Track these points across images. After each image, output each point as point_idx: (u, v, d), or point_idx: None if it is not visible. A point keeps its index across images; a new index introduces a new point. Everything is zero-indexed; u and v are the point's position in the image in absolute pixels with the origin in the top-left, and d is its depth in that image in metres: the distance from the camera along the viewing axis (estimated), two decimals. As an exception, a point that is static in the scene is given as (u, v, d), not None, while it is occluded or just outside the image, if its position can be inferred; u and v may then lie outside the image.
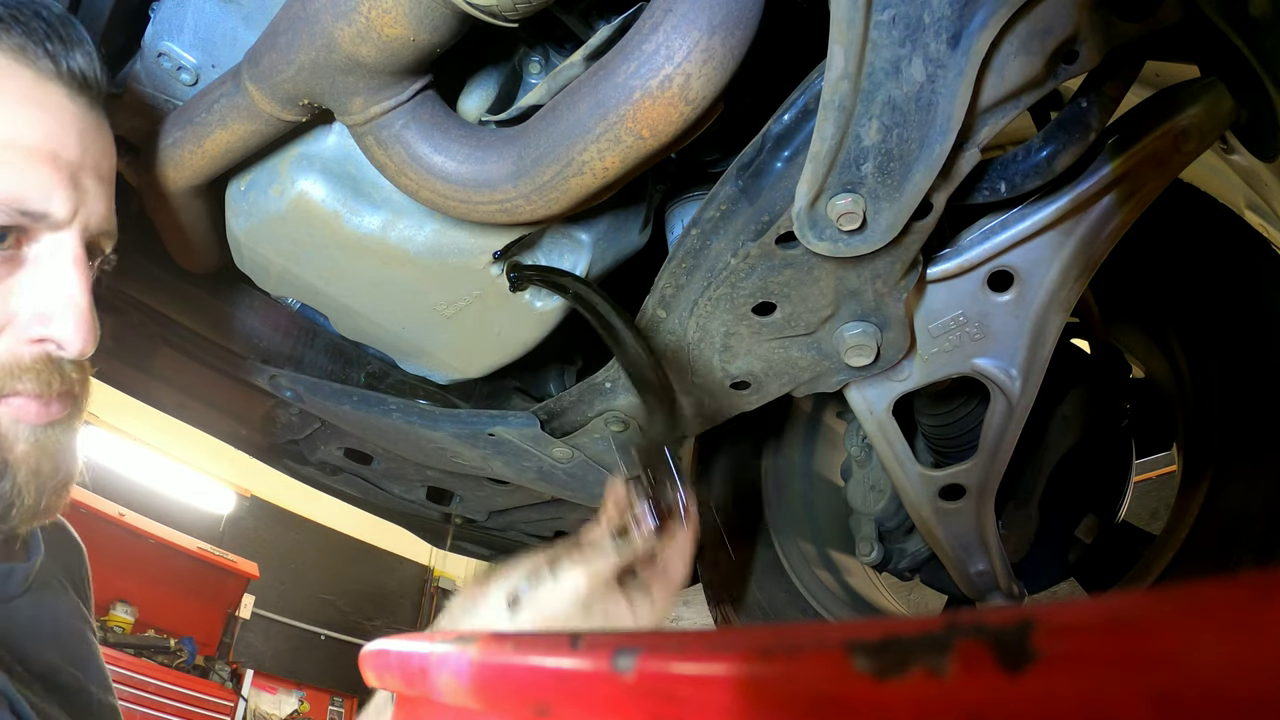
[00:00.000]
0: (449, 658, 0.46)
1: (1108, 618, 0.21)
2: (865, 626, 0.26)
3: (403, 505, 1.95)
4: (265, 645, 7.47)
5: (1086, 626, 0.21)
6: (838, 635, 0.27)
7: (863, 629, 0.26)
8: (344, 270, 1.19)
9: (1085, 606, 0.22)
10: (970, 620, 0.23)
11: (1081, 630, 0.21)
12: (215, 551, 6.44)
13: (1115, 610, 0.21)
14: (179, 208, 1.20)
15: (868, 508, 1.54)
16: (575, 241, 1.19)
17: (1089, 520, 1.48)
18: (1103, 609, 0.21)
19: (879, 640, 0.25)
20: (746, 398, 1.24)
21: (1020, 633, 0.22)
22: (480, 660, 0.44)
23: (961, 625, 0.23)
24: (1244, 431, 1.22)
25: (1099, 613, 0.21)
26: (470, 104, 1.08)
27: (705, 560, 1.86)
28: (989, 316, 1.08)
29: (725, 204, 0.98)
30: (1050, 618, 0.22)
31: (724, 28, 0.80)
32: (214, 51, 1.12)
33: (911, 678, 0.24)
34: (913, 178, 0.86)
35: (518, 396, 1.68)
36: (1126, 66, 0.93)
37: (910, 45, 0.77)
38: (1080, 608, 0.22)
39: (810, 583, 1.71)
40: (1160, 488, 4.12)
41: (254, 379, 1.59)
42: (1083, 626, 0.21)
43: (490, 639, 0.45)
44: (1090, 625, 0.21)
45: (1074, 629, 0.21)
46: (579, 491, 1.53)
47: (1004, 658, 0.22)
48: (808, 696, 0.27)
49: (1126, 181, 0.97)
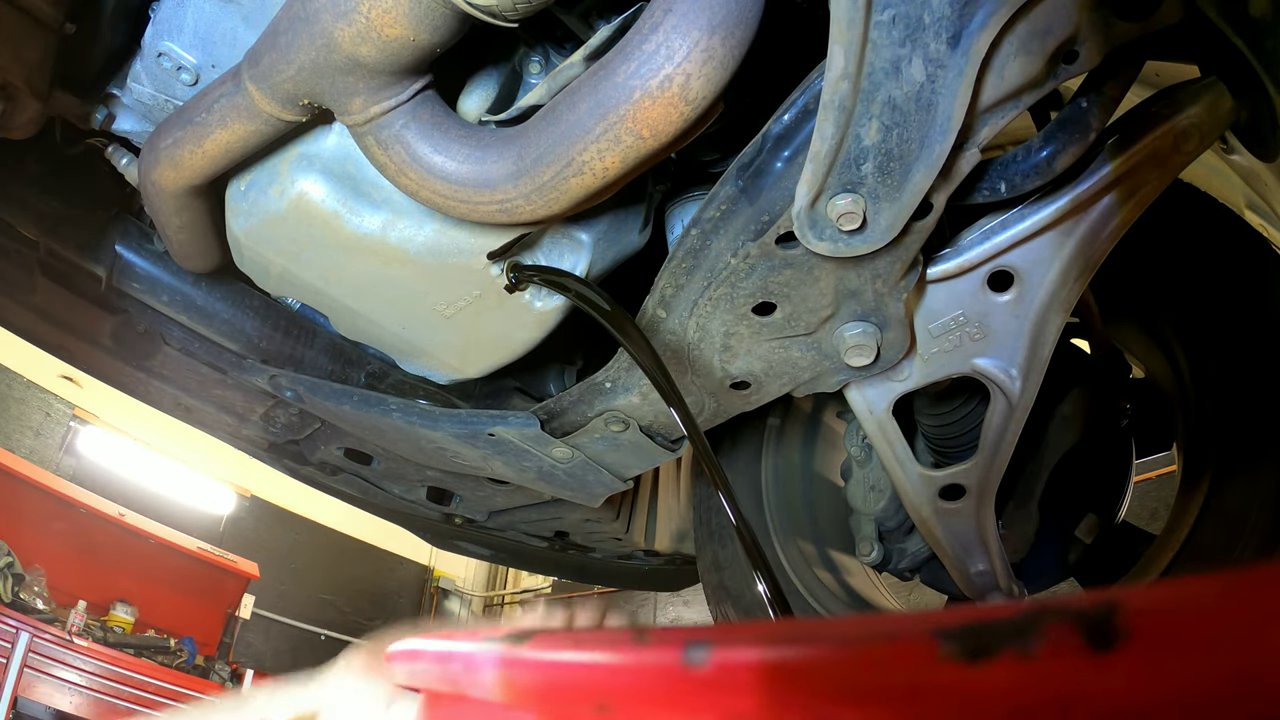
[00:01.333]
0: (496, 654, 0.45)
1: (1194, 598, 0.21)
2: (951, 614, 0.26)
3: (403, 505, 1.95)
4: (265, 645, 7.48)
5: (1173, 608, 0.21)
6: (925, 623, 0.27)
7: (949, 616, 0.26)
8: (344, 270, 1.19)
9: (1171, 587, 0.22)
10: (1058, 603, 0.24)
11: (1168, 611, 0.22)
12: (215, 551, 6.45)
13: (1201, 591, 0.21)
14: (179, 208, 1.20)
15: (868, 508, 1.54)
16: (575, 241, 1.19)
17: (1089, 520, 1.47)
18: (1188, 590, 0.22)
19: (967, 625, 0.25)
20: (747, 398, 1.23)
21: (1107, 613, 0.22)
22: (532, 658, 0.43)
23: (1051, 608, 0.24)
24: (1244, 431, 1.22)
25: (1185, 594, 0.21)
26: (470, 104, 1.08)
27: (705, 560, 1.86)
28: (989, 316, 1.08)
29: (725, 204, 0.98)
30: (1136, 599, 0.22)
31: (724, 28, 0.80)
32: (214, 51, 1.12)
33: (1001, 660, 0.24)
34: (913, 178, 0.86)
35: (518, 396, 1.68)
36: (1126, 66, 0.93)
37: (910, 45, 0.77)
38: (1166, 589, 0.22)
39: (810, 583, 1.71)
40: (1160, 488, 4.12)
41: (254, 379, 1.59)
42: (1169, 608, 0.22)
43: (545, 635, 0.44)
44: (1176, 606, 0.21)
45: (1160, 610, 0.22)
46: (579, 491, 1.53)
47: (1092, 638, 0.22)
48: (896, 685, 0.27)
49: (1126, 181, 0.97)
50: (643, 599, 8.26)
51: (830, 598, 1.69)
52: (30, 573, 5.08)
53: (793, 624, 0.32)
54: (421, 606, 9.33)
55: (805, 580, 1.71)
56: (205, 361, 1.62)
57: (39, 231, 1.39)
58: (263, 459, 1.97)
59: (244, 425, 1.81)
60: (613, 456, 1.41)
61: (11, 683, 4.37)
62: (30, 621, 4.63)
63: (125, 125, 1.25)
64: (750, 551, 0.92)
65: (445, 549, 2.31)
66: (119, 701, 4.89)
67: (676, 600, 7.85)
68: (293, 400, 1.56)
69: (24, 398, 6.39)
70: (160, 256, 1.47)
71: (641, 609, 8.29)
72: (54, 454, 6.47)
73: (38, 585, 5.05)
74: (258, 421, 1.78)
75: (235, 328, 1.52)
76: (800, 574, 1.72)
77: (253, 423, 1.79)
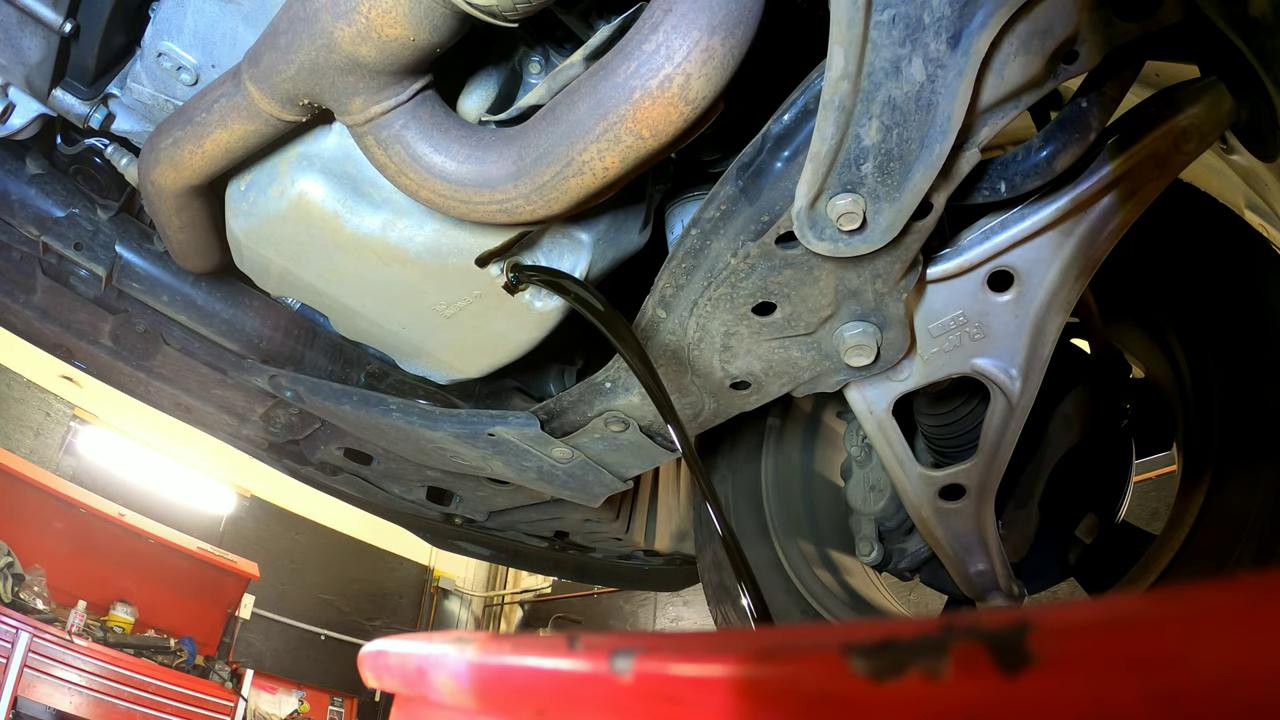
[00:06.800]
0: (447, 658, 0.46)
1: (1106, 619, 0.21)
2: (862, 628, 0.26)
3: (403, 505, 1.95)
4: (265, 645, 7.48)
5: (1084, 628, 0.21)
6: (835, 637, 0.27)
7: (860, 631, 0.26)
8: (344, 270, 1.19)
9: (1083, 608, 0.22)
10: (967, 622, 0.23)
11: (1079, 632, 0.21)
12: (215, 551, 6.45)
13: (1113, 612, 0.21)
14: (179, 208, 1.20)
15: (868, 508, 1.54)
16: (575, 241, 1.19)
17: (1089, 520, 1.47)
18: (1100, 610, 0.21)
19: (876, 642, 0.25)
20: (747, 398, 1.23)
21: (1017, 635, 0.22)
22: (478, 661, 0.44)
23: (959, 627, 0.23)
24: (1244, 431, 1.22)
25: (1097, 614, 0.21)
26: (470, 104, 1.08)
27: (705, 560, 1.86)
28: (989, 316, 1.08)
29: (725, 204, 0.98)
30: (1048, 619, 0.22)
31: (724, 28, 0.80)
32: (214, 51, 1.12)
33: (909, 680, 0.24)
34: (913, 178, 0.86)
35: (518, 396, 1.68)
36: (1126, 66, 0.93)
37: (910, 45, 0.77)
38: (1078, 609, 0.22)
39: (810, 583, 1.71)
40: (1160, 488, 4.12)
41: (254, 379, 1.59)
42: (1080, 628, 0.21)
43: (488, 640, 0.45)
44: (1088, 627, 0.21)
45: (1071, 630, 0.21)
46: (579, 492, 1.53)
47: (1001, 660, 0.22)
48: (805, 697, 0.27)
49: (1126, 181, 0.97)
50: (643, 599, 8.26)
51: (830, 598, 1.69)
52: (30, 573, 5.08)
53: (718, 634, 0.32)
54: (421, 607, 9.33)
55: (805, 580, 1.71)
56: (205, 361, 1.62)
57: (39, 231, 1.40)
58: (263, 459, 1.97)
59: (244, 425, 1.81)
60: (613, 456, 1.41)
61: (11, 683, 4.37)
62: (30, 621, 4.63)
63: (125, 125, 1.25)
64: (734, 559, 0.92)
65: (445, 549, 2.31)
66: (119, 701, 4.89)
67: (676, 600, 7.85)
68: (293, 400, 1.56)
69: (24, 398, 6.39)
70: (160, 256, 1.47)
71: (641, 609, 8.29)
72: (54, 454, 6.47)
73: (38, 585, 5.05)
74: (258, 421, 1.78)
75: (235, 328, 1.52)
76: (800, 574, 1.72)
77: (253, 423, 1.79)
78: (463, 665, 0.45)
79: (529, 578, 9.68)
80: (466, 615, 9.74)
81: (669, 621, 7.98)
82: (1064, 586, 1.56)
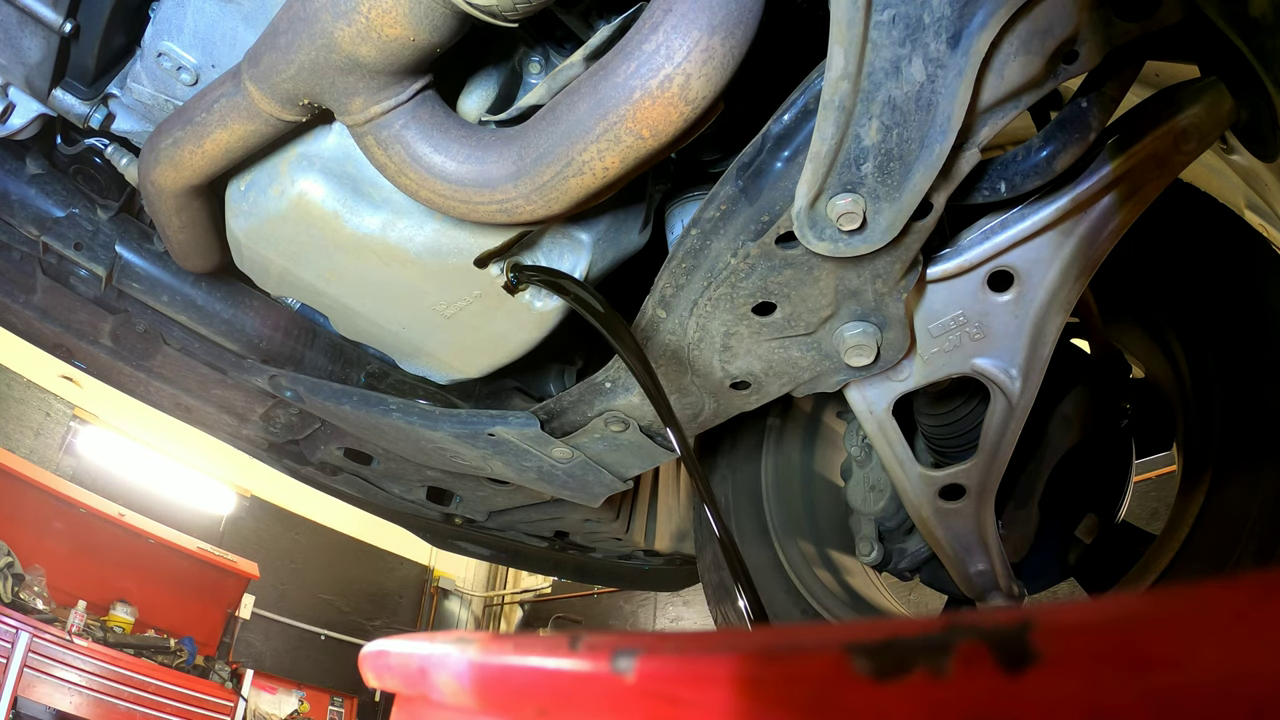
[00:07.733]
0: (448, 658, 0.46)
1: (1107, 619, 0.21)
2: (865, 628, 0.26)
3: (403, 505, 1.95)
4: (265, 645, 7.48)
5: (1086, 627, 0.21)
6: (838, 637, 0.27)
7: (863, 630, 0.26)
8: (344, 270, 1.19)
9: (1084, 607, 0.22)
10: (970, 621, 0.23)
11: (1081, 631, 0.21)
12: (215, 552, 6.45)
13: (1115, 611, 0.21)
14: (179, 208, 1.20)
15: (868, 508, 1.54)
16: (575, 241, 1.19)
17: (1089, 520, 1.47)
18: (1102, 610, 0.21)
19: (879, 642, 0.25)
20: (747, 398, 1.23)
21: (1020, 633, 0.22)
22: (480, 661, 0.44)
23: (962, 626, 0.23)
24: (1244, 431, 1.22)
25: (1099, 613, 0.21)
26: (470, 104, 1.08)
27: (705, 560, 1.86)
28: (989, 316, 1.08)
29: (725, 204, 0.98)
30: (1050, 619, 0.22)
31: (724, 28, 0.80)
32: (214, 51, 1.12)
33: (912, 679, 0.24)
34: (913, 178, 0.86)
35: (518, 396, 1.68)
36: (1126, 66, 0.93)
37: (910, 45, 0.77)
38: (1079, 609, 0.22)
39: (810, 583, 1.71)
40: (1160, 488, 4.12)
41: (254, 379, 1.59)
42: (1082, 627, 0.21)
43: (490, 640, 0.45)
44: (1090, 626, 0.21)
45: (1074, 630, 0.21)
46: (579, 492, 1.53)
47: (1004, 658, 0.22)
48: (808, 697, 0.27)
49: (1126, 181, 0.97)
50: (643, 599, 8.26)
51: (830, 598, 1.69)
52: (30, 573, 5.08)
53: (720, 634, 0.32)
54: (421, 607, 9.33)
55: (805, 580, 1.71)
56: (205, 361, 1.62)
57: (39, 231, 1.40)
58: (263, 459, 1.97)
59: (244, 425, 1.81)
60: (613, 456, 1.41)
61: (11, 683, 4.37)
62: (30, 621, 4.63)
63: (125, 125, 1.25)
64: (731, 560, 0.92)
65: (445, 549, 2.31)
66: (119, 701, 4.89)
67: (676, 600, 7.85)
68: (293, 400, 1.56)
69: (24, 398, 6.39)
70: (160, 256, 1.47)
71: (642, 609, 8.29)
72: (54, 454, 6.47)
73: (38, 585, 5.05)
74: (258, 421, 1.78)
75: (235, 328, 1.52)
76: (800, 574, 1.72)
77: (253, 423, 1.79)
78: (464, 665, 0.45)
79: (529, 578, 9.68)
80: (466, 615, 9.74)
81: (669, 621, 7.98)
82: (1064, 586, 1.56)
